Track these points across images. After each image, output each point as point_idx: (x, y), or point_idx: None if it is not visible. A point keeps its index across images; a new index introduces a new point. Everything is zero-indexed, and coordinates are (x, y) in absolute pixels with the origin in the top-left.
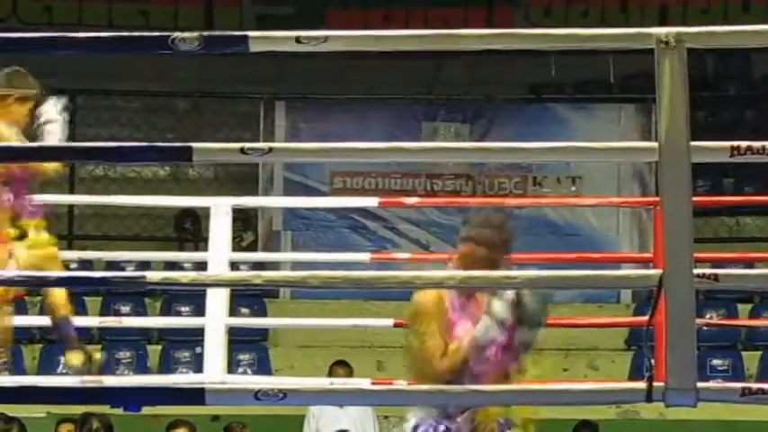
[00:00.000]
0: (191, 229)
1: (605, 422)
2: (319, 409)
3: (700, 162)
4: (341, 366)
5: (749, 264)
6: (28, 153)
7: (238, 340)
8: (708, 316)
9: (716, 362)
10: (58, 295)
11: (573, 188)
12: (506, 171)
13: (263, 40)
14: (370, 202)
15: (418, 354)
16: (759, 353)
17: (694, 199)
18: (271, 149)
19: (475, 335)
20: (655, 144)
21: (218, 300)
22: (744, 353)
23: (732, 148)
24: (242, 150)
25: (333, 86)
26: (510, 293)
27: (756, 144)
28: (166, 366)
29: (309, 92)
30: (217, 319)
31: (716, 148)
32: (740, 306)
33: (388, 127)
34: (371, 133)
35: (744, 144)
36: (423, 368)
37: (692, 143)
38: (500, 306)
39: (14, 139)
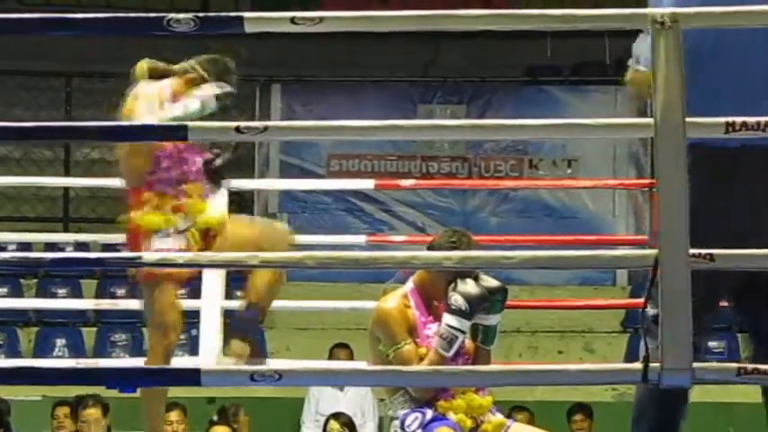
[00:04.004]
0: None
1: (601, 405)
2: (319, 392)
3: None
4: (341, 349)
5: None
6: (25, 132)
7: None
8: None
9: (711, 344)
10: (265, 280)
11: (569, 171)
12: (502, 153)
13: (258, 20)
14: (366, 184)
15: (395, 362)
16: None
17: None
18: (266, 128)
19: (441, 332)
20: (650, 120)
21: (213, 282)
22: (739, 335)
23: (727, 124)
24: (237, 129)
25: (329, 69)
26: (468, 288)
27: (751, 120)
28: None
29: (305, 74)
30: (212, 301)
31: (711, 124)
32: None
33: (384, 109)
34: (367, 116)
35: (738, 120)
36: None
37: (688, 119)
38: (460, 300)
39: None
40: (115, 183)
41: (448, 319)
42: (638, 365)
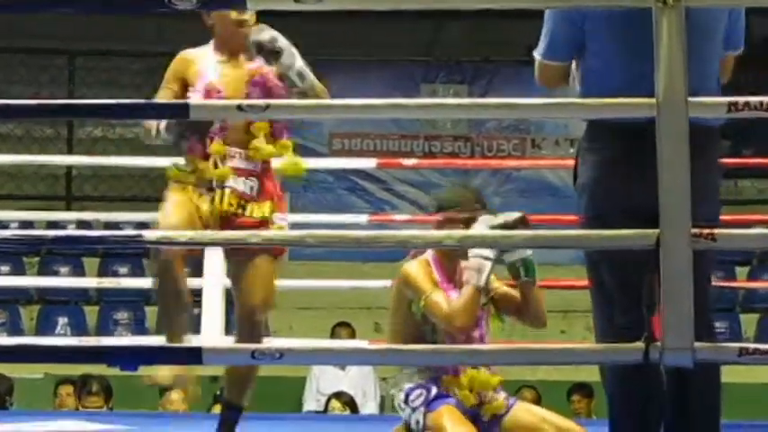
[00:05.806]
0: None
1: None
2: (320, 371)
3: None
4: (343, 327)
5: (748, 226)
6: (27, 110)
7: None
8: None
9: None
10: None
11: (571, 150)
12: (505, 133)
13: None
14: (369, 163)
15: (431, 314)
16: (757, 315)
17: None
18: (268, 106)
19: (468, 264)
20: (652, 99)
21: (215, 261)
22: (741, 315)
23: (729, 103)
24: (239, 107)
25: (331, 48)
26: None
27: (754, 99)
28: None
29: (307, 53)
30: (214, 280)
31: (713, 104)
32: (738, 269)
33: (386, 89)
34: (370, 95)
35: (741, 100)
36: (441, 324)
37: (690, 99)
38: (480, 226)
39: None
40: (117, 161)
41: (471, 251)
42: (639, 345)
